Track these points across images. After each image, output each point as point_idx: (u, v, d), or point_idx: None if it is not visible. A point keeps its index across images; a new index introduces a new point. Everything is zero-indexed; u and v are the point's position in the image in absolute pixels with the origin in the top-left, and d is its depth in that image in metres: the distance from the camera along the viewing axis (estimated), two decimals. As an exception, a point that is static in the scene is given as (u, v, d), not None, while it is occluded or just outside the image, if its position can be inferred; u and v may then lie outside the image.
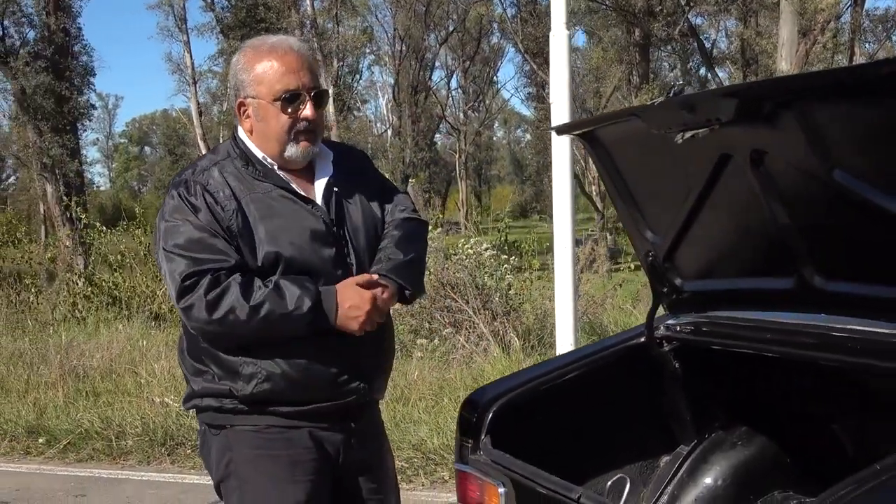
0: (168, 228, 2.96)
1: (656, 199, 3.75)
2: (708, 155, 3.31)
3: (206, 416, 3.15)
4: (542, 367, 4.03)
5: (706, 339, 3.86)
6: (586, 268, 13.70)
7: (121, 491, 7.31)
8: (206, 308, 2.86)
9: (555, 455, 3.57)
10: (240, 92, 3.09)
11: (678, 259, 3.83)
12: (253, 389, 2.99)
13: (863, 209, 2.95)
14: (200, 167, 3.08)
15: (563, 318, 7.38)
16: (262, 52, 3.06)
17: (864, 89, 2.70)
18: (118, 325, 12.75)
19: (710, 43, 41.65)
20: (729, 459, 3.89)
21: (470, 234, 14.09)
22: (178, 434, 8.20)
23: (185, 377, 3.19)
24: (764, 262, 3.57)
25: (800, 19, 21.37)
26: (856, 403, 3.78)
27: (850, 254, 3.23)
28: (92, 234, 17.04)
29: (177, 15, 40.49)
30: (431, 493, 6.72)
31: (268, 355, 2.98)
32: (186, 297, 2.88)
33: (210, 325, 2.88)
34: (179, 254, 2.92)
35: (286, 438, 3.08)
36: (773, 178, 3.19)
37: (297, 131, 3.05)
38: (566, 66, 7.24)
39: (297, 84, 3.02)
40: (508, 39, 47.08)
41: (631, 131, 3.28)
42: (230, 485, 3.12)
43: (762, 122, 3.01)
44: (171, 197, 3.00)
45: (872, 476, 2.41)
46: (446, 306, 10.61)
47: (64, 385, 9.73)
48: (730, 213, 3.51)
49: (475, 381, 8.28)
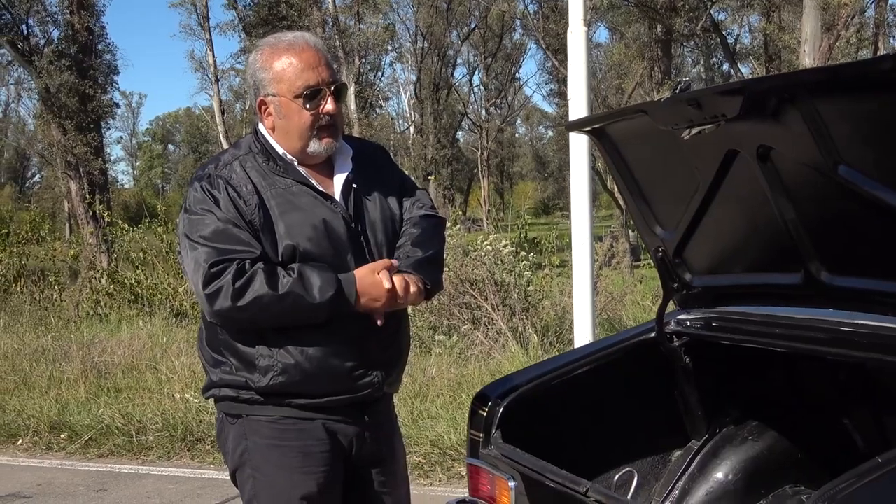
0: (193, 220, 3.01)
1: (665, 195, 3.77)
2: (715, 151, 3.33)
3: (223, 406, 3.20)
4: (554, 363, 4.05)
5: (716, 335, 3.87)
6: (605, 264, 13.69)
7: (141, 486, 7.37)
8: (232, 295, 2.89)
9: (566, 449, 3.60)
10: (259, 90, 3.13)
11: (688, 255, 3.84)
12: (269, 382, 3.04)
13: (868, 204, 2.95)
14: (223, 162, 3.12)
15: (581, 314, 7.37)
16: (279, 49, 3.10)
17: (866, 85, 2.71)
18: (140, 321, 12.84)
19: (733, 38, 41.55)
20: (740, 454, 3.90)
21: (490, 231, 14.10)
22: (198, 430, 8.25)
23: (204, 367, 3.23)
24: (772, 257, 3.57)
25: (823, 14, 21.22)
26: (866, 398, 3.78)
27: (857, 249, 3.24)
28: (115, 232, 17.16)
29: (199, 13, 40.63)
30: (448, 488, 6.74)
31: (284, 348, 3.02)
32: (213, 284, 2.91)
33: (234, 311, 2.92)
34: (205, 244, 2.96)
35: (299, 430, 3.12)
36: (779, 173, 3.19)
37: (319, 126, 3.10)
38: (584, 62, 7.23)
39: (317, 80, 3.06)
40: (530, 36, 47.08)
41: (639, 128, 3.30)
42: (244, 473, 3.17)
43: (768, 118, 3.02)
44: (195, 190, 3.05)
45: (874, 469, 2.42)
46: (465, 303, 10.63)
47: (86, 381, 9.82)
48: (738, 209, 3.52)
49: (493, 377, 8.28)
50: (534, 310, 10.82)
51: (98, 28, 28.92)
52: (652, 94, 27.89)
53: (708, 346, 3.94)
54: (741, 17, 40.81)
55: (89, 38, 27.92)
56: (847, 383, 3.77)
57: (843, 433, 3.84)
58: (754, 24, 40.66)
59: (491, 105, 59.65)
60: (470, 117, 59.80)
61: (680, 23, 28.13)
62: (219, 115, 41.94)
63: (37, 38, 28.32)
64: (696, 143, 3.23)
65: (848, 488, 2.36)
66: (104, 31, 29.76)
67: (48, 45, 27.94)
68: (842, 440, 3.83)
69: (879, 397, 3.74)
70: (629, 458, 3.93)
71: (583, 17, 7.22)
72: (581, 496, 3.10)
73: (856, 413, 3.82)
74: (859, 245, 3.21)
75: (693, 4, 28.60)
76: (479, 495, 3.64)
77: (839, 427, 3.85)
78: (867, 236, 3.13)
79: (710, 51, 40.46)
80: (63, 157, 26.84)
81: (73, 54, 27.46)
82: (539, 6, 38.06)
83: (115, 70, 30.33)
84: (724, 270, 3.83)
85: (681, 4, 27.85)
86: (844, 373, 3.75)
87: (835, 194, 3.05)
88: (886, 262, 3.13)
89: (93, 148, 27.04)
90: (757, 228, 3.52)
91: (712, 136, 3.16)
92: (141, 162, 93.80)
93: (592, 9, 28.46)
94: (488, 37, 54.05)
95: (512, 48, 56.86)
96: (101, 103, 28.32)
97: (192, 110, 78.39)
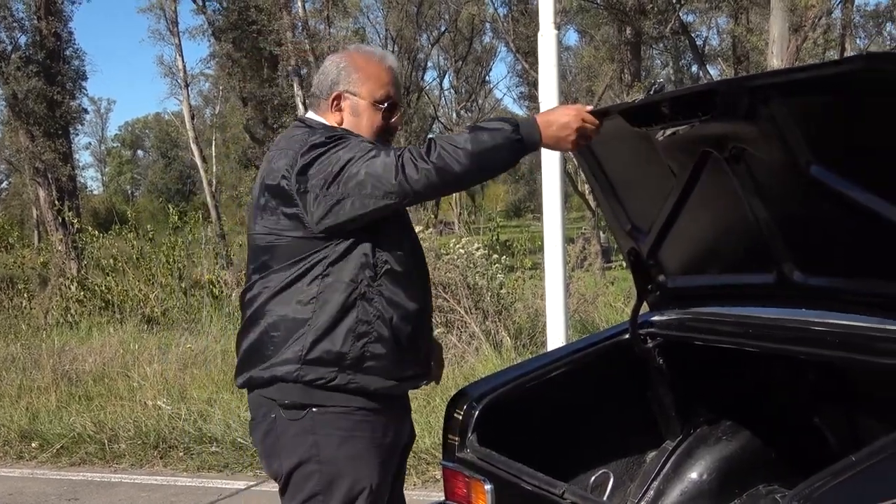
0: (347, 146, 3.01)
1: (640, 196, 3.79)
2: (689, 152, 3.35)
3: (291, 394, 3.10)
4: (529, 365, 4.06)
5: (689, 335, 3.90)
6: (577, 266, 13.72)
7: (113, 494, 7.32)
8: (418, 157, 2.89)
9: (542, 452, 3.60)
10: (339, 86, 3.27)
11: (661, 256, 3.86)
12: (361, 350, 3.06)
13: (840, 204, 2.98)
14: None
15: (554, 316, 7.39)
16: (373, 59, 3.31)
17: (837, 85, 2.74)
18: (111, 328, 12.74)
19: (702, 40, 41.80)
20: (714, 454, 3.92)
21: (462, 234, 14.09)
22: (171, 437, 8.21)
23: (280, 344, 3.11)
24: (745, 257, 3.60)
25: (790, 16, 21.38)
26: (839, 397, 3.81)
27: (829, 249, 3.27)
28: (85, 239, 17.04)
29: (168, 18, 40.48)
30: (424, 492, 6.73)
31: (383, 318, 3.07)
32: (399, 160, 2.89)
33: (426, 171, 2.87)
34: (374, 154, 2.95)
35: (370, 421, 3.14)
36: (752, 174, 3.22)
37: (384, 136, 3.27)
38: (555, 65, 7.24)
39: (396, 96, 3.30)
40: (500, 39, 47.13)
41: (613, 129, 3.31)
42: (308, 469, 3.12)
43: (740, 119, 3.05)
44: (324, 145, 3.04)
45: (848, 468, 2.44)
46: (438, 306, 10.61)
47: (57, 389, 9.74)
48: (711, 210, 3.54)
49: (466, 380, 8.27)
50: (507, 312, 10.83)
51: (66, 33, 28.75)
52: (622, 95, 28.03)
53: (681, 346, 3.96)
54: (709, 19, 41.06)
55: (57, 44, 27.75)
56: (819, 383, 3.80)
57: (816, 432, 3.87)
58: (723, 25, 40.89)
59: (462, 108, 59.64)
60: (441, 120, 59.77)
61: (649, 25, 28.28)
62: (188, 120, 41.75)
63: (3, 43, 28.09)
64: (671, 145, 3.25)
65: (823, 487, 2.37)
66: (72, 37, 29.63)
67: (15, 51, 27.73)
68: (815, 439, 3.85)
69: (851, 396, 3.77)
70: (605, 460, 3.94)
71: (553, 19, 7.24)
72: (557, 498, 3.11)
73: (828, 412, 3.85)
74: (831, 245, 3.24)
75: (662, 7, 28.76)
76: (455, 499, 3.64)
77: (812, 426, 3.88)
78: (839, 236, 3.16)
79: (679, 53, 40.68)
80: (31, 164, 26.65)
81: (41, 60, 27.28)
82: (509, 9, 38.19)
83: (84, 76, 30.20)
84: (698, 271, 3.86)
85: (650, 7, 28.00)
86: (817, 372, 3.77)
87: (807, 194, 3.07)
88: (858, 262, 3.16)
89: (61, 154, 26.85)
90: (730, 229, 3.55)
91: (686, 137, 3.18)
92: (110, 168, 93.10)
93: (562, 11, 28.51)
94: (458, 40, 54.02)
95: (482, 51, 56.86)
96: (70, 109, 28.16)
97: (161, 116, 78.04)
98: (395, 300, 3.10)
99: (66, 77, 28.09)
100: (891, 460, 2.49)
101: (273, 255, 3.13)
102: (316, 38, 31.89)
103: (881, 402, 3.63)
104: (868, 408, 3.73)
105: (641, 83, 28.10)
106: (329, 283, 3.05)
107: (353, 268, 3.04)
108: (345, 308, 3.04)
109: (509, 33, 36.03)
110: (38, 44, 27.51)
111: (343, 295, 3.04)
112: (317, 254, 3.05)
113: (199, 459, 7.89)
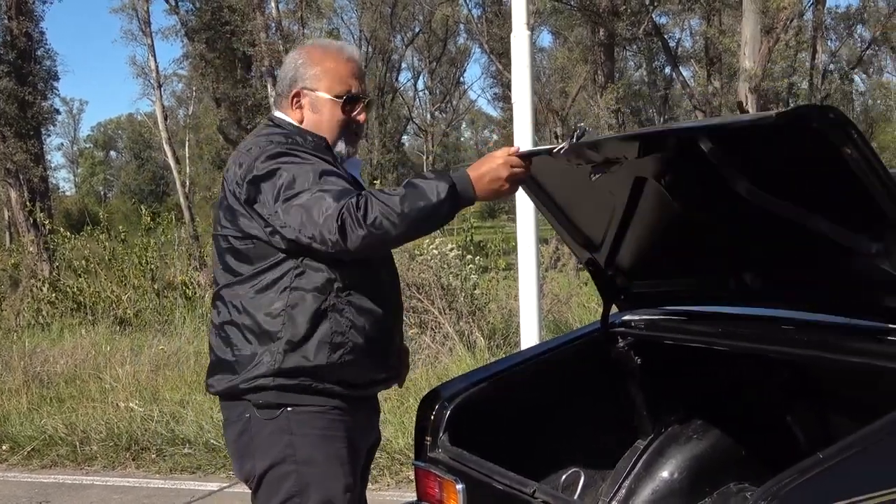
0: (290, 174, 2.95)
1: (587, 214, 3.87)
2: (624, 179, 3.43)
3: (266, 396, 3.07)
4: (501, 364, 4.08)
5: (660, 335, 3.93)
6: (551, 266, 13.75)
7: (85, 496, 7.28)
8: (356, 222, 2.83)
9: (514, 451, 3.62)
10: (297, 83, 3.23)
11: (620, 263, 3.92)
12: (339, 359, 3.04)
13: (780, 222, 3.03)
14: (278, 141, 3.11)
15: (528, 316, 7.42)
16: (330, 52, 3.26)
17: (757, 135, 2.81)
18: (82, 330, 12.66)
19: (675, 42, 41.96)
20: (685, 453, 3.94)
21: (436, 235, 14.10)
22: (143, 439, 8.17)
23: (239, 359, 3.09)
24: (699, 264, 3.66)
25: (762, 17, 21.52)
26: (808, 395, 3.84)
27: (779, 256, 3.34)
28: (57, 240, 16.93)
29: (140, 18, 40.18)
30: (397, 492, 6.74)
31: (355, 327, 3.05)
32: (340, 218, 2.83)
33: (362, 236, 2.83)
34: (324, 189, 2.90)
35: (344, 420, 3.12)
36: (689, 196, 3.30)
37: (348, 131, 3.24)
38: (528, 66, 7.27)
39: (357, 89, 3.24)
40: (474, 40, 47.13)
41: (551, 161, 3.34)
42: (283, 469, 3.09)
43: (668, 158, 3.12)
44: (275, 158, 3.00)
45: (815, 465, 2.46)
46: (412, 307, 10.62)
47: (28, 391, 9.67)
48: (658, 224, 3.64)
49: (440, 380, 8.26)
50: (480, 313, 10.84)
51: (37, 33, 28.50)
52: (596, 96, 28.09)
53: (653, 346, 3.99)
54: (682, 21, 41.23)
55: (28, 44, 27.52)
56: (790, 381, 3.83)
57: (786, 430, 3.90)
58: (695, 27, 41.12)
59: (436, 109, 59.73)
60: (415, 121, 59.87)
61: (622, 27, 28.34)
62: (161, 121, 41.48)
63: (-27, 44, 27.86)
64: (604, 178, 3.30)
65: (790, 484, 2.39)
66: (43, 37, 29.31)
67: (-15, 51, 27.50)
68: (785, 437, 3.88)
69: (821, 394, 3.80)
70: (576, 459, 3.95)
71: (526, 21, 7.26)
72: (528, 497, 3.12)
73: (798, 410, 3.88)
74: (780, 252, 3.30)
75: (635, 8, 28.86)
76: (427, 499, 3.64)
77: (782, 424, 3.91)
78: (786, 246, 3.23)
79: (652, 54, 40.84)
80: (2, 165, 26.39)
81: (12, 60, 27.03)
82: (483, 10, 38.17)
83: (55, 76, 29.94)
84: (656, 276, 3.92)
85: (623, 8, 28.07)
86: (787, 371, 3.81)
87: (747, 212, 3.11)
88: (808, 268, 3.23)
89: (33, 155, 26.63)
90: (679, 241, 3.64)
91: (618, 170, 3.26)
92: (82, 169, 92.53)
93: (536, 13, 28.59)
94: (432, 41, 54.10)
95: (456, 52, 56.93)
96: (41, 110, 27.93)
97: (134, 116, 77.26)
98: (365, 307, 3.08)
99: (37, 77, 27.86)
100: (857, 457, 2.51)
101: (239, 260, 3.10)
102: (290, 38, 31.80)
103: (850, 400, 3.67)
104: (837, 406, 3.77)
105: (614, 84, 28.22)
106: (298, 295, 3.01)
107: (320, 278, 3.01)
108: (316, 319, 3.01)
109: (483, 34, 36.02)
110: (9, 44, 27.25)
111: (313, 306, 3.01)
112: (283, 263, 3.02)
113: (171, 461, 7.86)
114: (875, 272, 2.95)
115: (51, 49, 30.14)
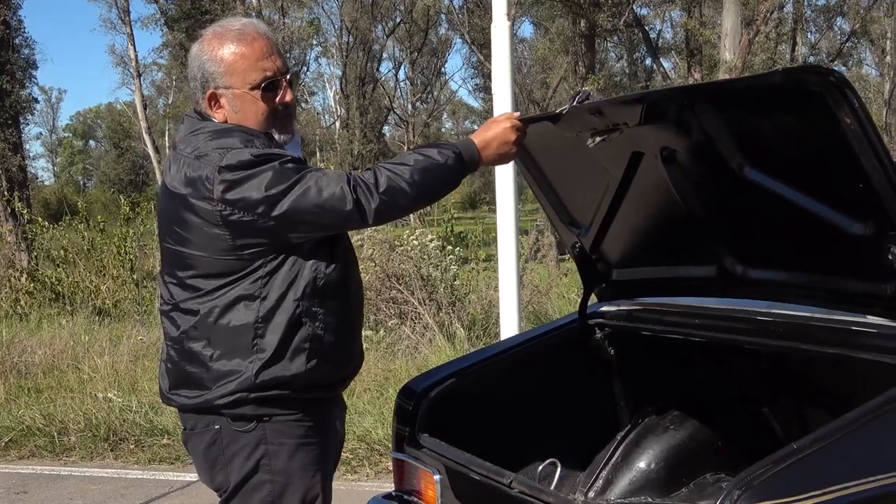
0: (274, 169, 2.80)
1: (578, 194, 3.84)
2: (621, 153, 3.42)
3: (243, 409, 2.95)
4: (478, 356, 4.09)
5: (638, 326, 3.94)
6: (531, 257, 13.76)
7: (63, 487, 7.25)
8: (366, 189, 2.78)
9: (492, 441, 3.62)
10: (209, 83, 2.97)
11: (605, 249, 3.91)
12: (315, 366, 2.94)
13: (776, 202, 3.03)
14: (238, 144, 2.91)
15: (508, 307, 7.41)
16: (228, 39, 2.95)
17: (759, 97, 2.81)
18: (61, 320, 12.60)
19: (656, 33, 42.04)
20: (662, 443, 3.94)
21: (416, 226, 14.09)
22: (122, 429, 8.14)
23: (225, 372, 2.94)
24: (686, 251, 3.67)
25: (743, 10, 21.62)
26: (784, 386, 3.86)
27: (768, 243, 3.33)
28: (35, 230, 16.83)
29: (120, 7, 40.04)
30: (376, 483, 6.74)
31: (326, 331, 2.95)
32: (352, 191, 2.77)
33: (378, 204, 2.79)
34: (314, 171, 2.83)
35: (317, 427, 3.05)
36: (685, 173, 3.28)
37: (276, 117, 2.99)
38: (508, 57, 7.25)
39: (273, 70, 2.95)
40: (455, 30, 47.08)
41: (547, 132, 3.32)
42: (257, 480, 2.99)
43: (669, 125, 3.11)
44: (247, 156, 2.81)
45: (789, 455, 2.48)
46: (392, 297, 10.63)
47: (5, 382, 9.62)
48: (649, 206, 3.61)
49: (420, 371, 8.22)
50: (460, 304, 10.85)
51: (15, 22, 28.36)
52: (576, 87, 28.11)
53: (630, 336, 4.00)
54: (663, 13, 41.36)
55: (6, 32, 27.31)
56: (766, 372, 3.85)
57: (763, 421, 3.92)
58: (676, 19, 41.18)
59: (417, 100, 59.66)
60: (396, 112, 59.71)
61: (603, 18, 28.41)
62: (141, 110, 41.39)
63: (-50, 32, 27.65)
64: (602, 147, 3.29)
65: (764, 474, 2.41)
66: (21, 25, 29.25)
67: (-37, 40, 27.29)
68: (761, 428, 3.90)
69: (797, 386, 3.82)
70: (553, 449, 3.95)
71: (507, 11, 7.24)
72: (505, 488, 3.13)
73: (775, 401, 3.90)
74: (770, 239, 3.30)
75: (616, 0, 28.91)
76: (404, 489, 3.64)
77: (759, 415, 3.93)
78: (776, 231, 3.22)
79: (633, 46, 40.98)
80: (-20, 154, 26.25)
81: (-10, 49, 26.88)
82: (463, 1, 38.15)
83: (34, 65, 29.93)
84: (642, 264, 3.91)
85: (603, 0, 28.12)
86: (764, 362, 3.83)
87: (742, 192, 3.12)
88: (796, 256, 3.23)
89: (11, 144, 26.48)
90: (669, 224, 3.61)
91: (617, 139, 3.23)
92: (61, 158, 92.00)
93: (517, 3, 28.53)
94: (414, 31, 53.96)
95: (437, 43, 56.84)
96: (19, 99, 27.77)
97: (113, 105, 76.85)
98: (336, 309, 2.97)
99: (15, 66, 27.70)
100: (831, 448, 2.53)
101: (197, 272, 2.94)
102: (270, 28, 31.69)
103: (826, 391, 3.70)
104: (814, 397, 3.79)
105: (595, 76, 28.26)
106: (268, 307, 2.88)
107: (289, 286, 2.88)
108: (290, 328, 2.89)
109: (464, 25, 36.07)
110: (-13, 32, 27.09)
111: (285, 316, 2.88)
112: (249, 275, 2.87)
113: (150, 452, 7.84)
114: (868, 259, 2.93)
115: (29, 37, 30.15)
